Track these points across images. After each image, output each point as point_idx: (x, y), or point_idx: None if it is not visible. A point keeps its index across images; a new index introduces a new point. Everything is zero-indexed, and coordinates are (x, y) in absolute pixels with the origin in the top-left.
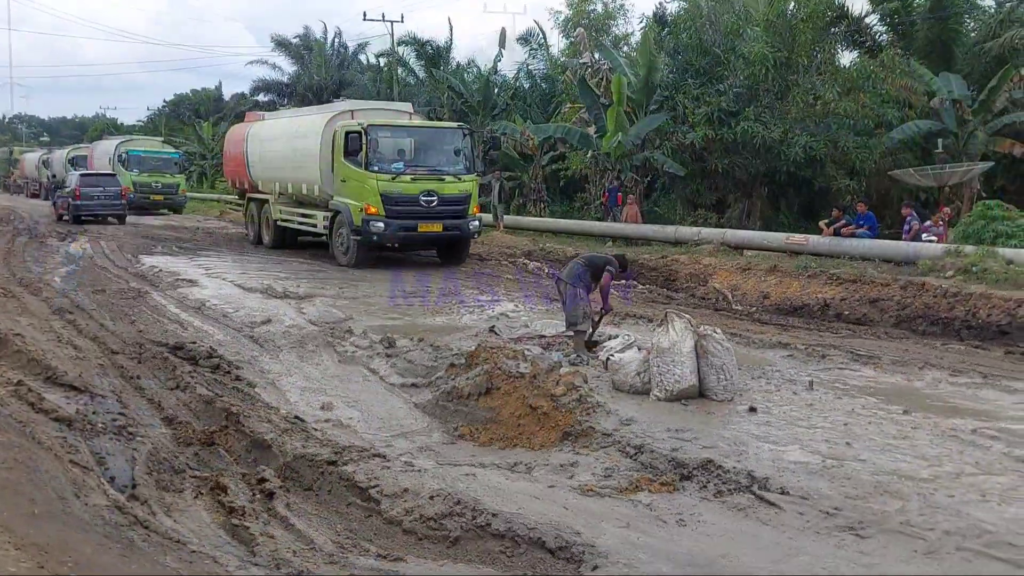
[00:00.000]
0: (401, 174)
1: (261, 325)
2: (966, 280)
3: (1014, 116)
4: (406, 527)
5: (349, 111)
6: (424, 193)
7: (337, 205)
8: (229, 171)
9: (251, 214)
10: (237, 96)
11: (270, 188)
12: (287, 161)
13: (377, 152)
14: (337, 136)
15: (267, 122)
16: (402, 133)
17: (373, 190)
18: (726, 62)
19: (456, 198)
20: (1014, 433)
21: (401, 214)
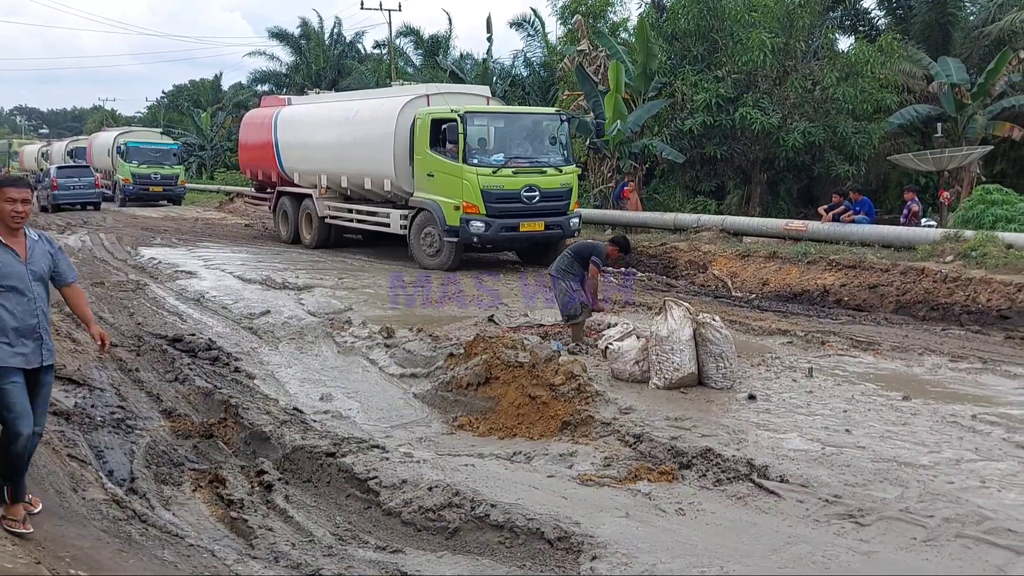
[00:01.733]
0: (502, 167)
1: (260, 316)
2: (966, 265)
3: (1013, 100)
4: (405, 518)
5: (424, 95)
6: (526, 188)
7: (422, 202)
8: (248, 161)
9: (283, 210)
10: (236, 87)
11: (311, 181)
12: (341, 151)
13: (476, 143)
14: (420, 124)
15: (303, 107)
16: (499, 120)
17: (472, 186)
18: (724, 48)
19: (558, 192)
20: (1014, 419)
21: (503, 212)
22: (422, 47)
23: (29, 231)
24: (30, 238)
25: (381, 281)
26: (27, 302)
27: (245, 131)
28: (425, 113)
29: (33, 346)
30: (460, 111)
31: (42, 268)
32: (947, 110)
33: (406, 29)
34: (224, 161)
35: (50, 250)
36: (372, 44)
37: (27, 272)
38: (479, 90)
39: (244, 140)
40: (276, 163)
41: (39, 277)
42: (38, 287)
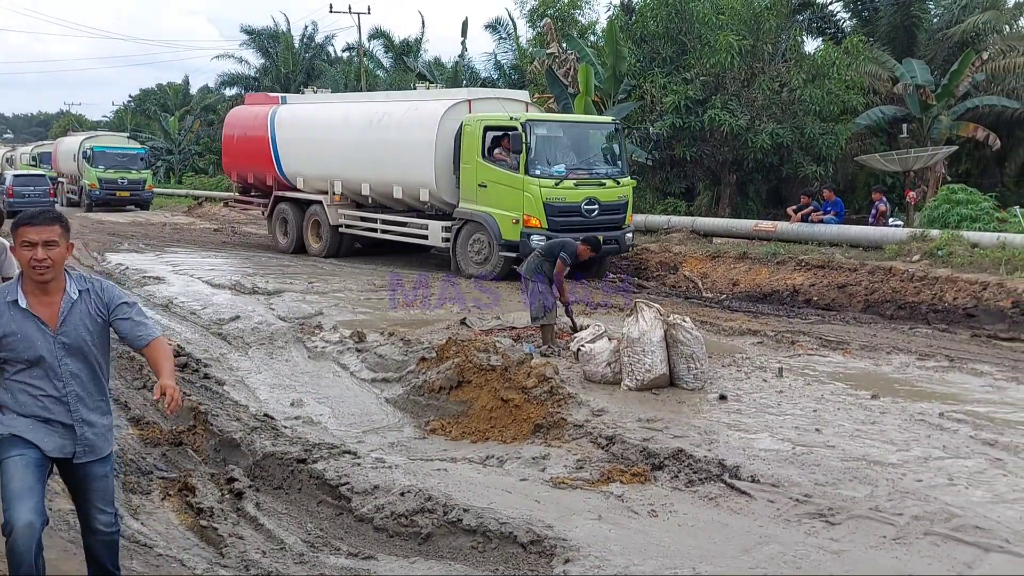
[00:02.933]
0: (564, 179)
1: (230, 322)
2: (932, 264)
3: (977, 100)
4: (377, 524)
5: (466, 100)
6: (586, 201)
7: (472, 214)
8: (235, 163)
9: (282, 217)
10: (203, 90)
11: (319, 187)
12: (364, 157)
13: (538, 153)
14: (469, 131)
15: (307, 106)
16: (557, 129)
17: (535, 198)
18: (692, 51)
19: (615, 206)
20: (981, 416)
21: (564, 226)
22: (393, 50)
23: (71, 283)
24: (68, 295)
25: (352, 285)
26: (54, 382)
27: (231, 130)
28: (476, 120)
29: (62, 434)
30: (521, 118)
31: (81, 338)
32: (912, 111)
33: (376, 32)
34: (192, 165)
35: (99, 311)
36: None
37: (54, 344)
38: (518, 95)
39: (230, 140)
40: (273, 166)
41: (75, 350)
42: (74, 363)
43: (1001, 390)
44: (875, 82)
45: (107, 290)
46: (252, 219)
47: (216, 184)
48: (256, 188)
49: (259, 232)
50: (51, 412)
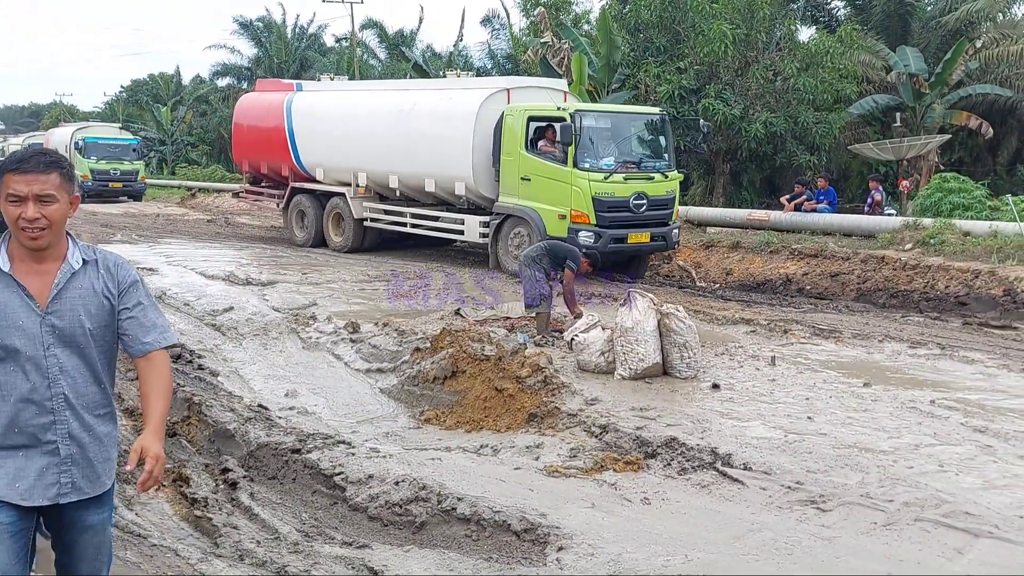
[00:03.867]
0: (614, 172)
1: (223, 313)
2: (924, 252)
3: (970, 89)
4: (371, 513)
5: (504, 89)
6: (635, 196)
7: (514, 208)
8: (247, 152)
9: (299, 210)
10: (196, 81)
11: (341, 179)
12: (392, 148)
13: (588, 146)
14: (511, 122)
15: (327, 94)
16: (605, 120)
17: (583, 193)
18: (686, 40)
19: (663, 200)
20: (971, 403)
21: (613, 222)
22: (387, 40)
23: (74, 250)
24: (68, 264)
25: (346, 276)
26: (33, 380)
27: (242, 118)
28: (519, 110)
29: (41, 463)
30: (570, 109)
31: (78, 321)
32: (906, 100)
33: (370, 22)
34: (185, 156)
35: (107, 291)
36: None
37: (40, 327)
38: (556, 83)
39: (241, 128)
40: (290, 156)
41: (68, 337)
42: (65, 355)
43: (992, 378)
44: (869, 71)
45: (121, 266)
46: (244, 210)
47: (209, 175)
48: (269, 179)
49: (253, 223)
50: (27, 425)
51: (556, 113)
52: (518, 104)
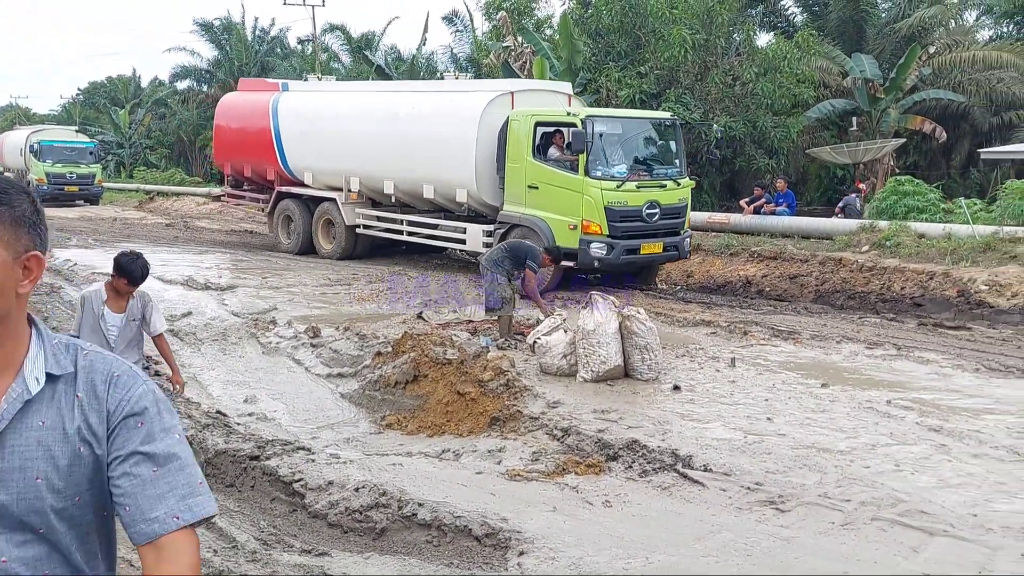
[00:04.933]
0: (626, 180)
1: (182, 318)
2: (881, 254)
3: (923, 94)
4: (331, 520)
5: (508, 92)
6: (647, 204)
7: (520, 218)
8: (230, 154)
9: (285, 215)
10: (154, 83)
11: (331, 183)
12: (388, 152)
13: (598, 152)
14: (516, 127)
15: (316, 94)
16: (616, 125)
17: (595, 202)
18: (647, 44)
19: (675, 209)
20: (926, 403)
21: (625, 232)
22: (351, 43)
23: (36, 354)
24: (22, 382)
25: (307, 280)
26: None
27: (224, 119)
28: (526, 115)
29: None
30: (580, 114)
31: (32, 490)
32: (861, 104)
33: (332, 26)
34: (144, 159)
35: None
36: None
37: None
38: (560, 87)
39: (223, 130)
40: (276, 159)
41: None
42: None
43: (946, 377)
44: (825, 76)
45: (119, 381)
46: (204, 214)
47: (168, 178)
48: (253, 182)
49: (213, 227)
50: None
51: (566, 118)
52: (525, 108)
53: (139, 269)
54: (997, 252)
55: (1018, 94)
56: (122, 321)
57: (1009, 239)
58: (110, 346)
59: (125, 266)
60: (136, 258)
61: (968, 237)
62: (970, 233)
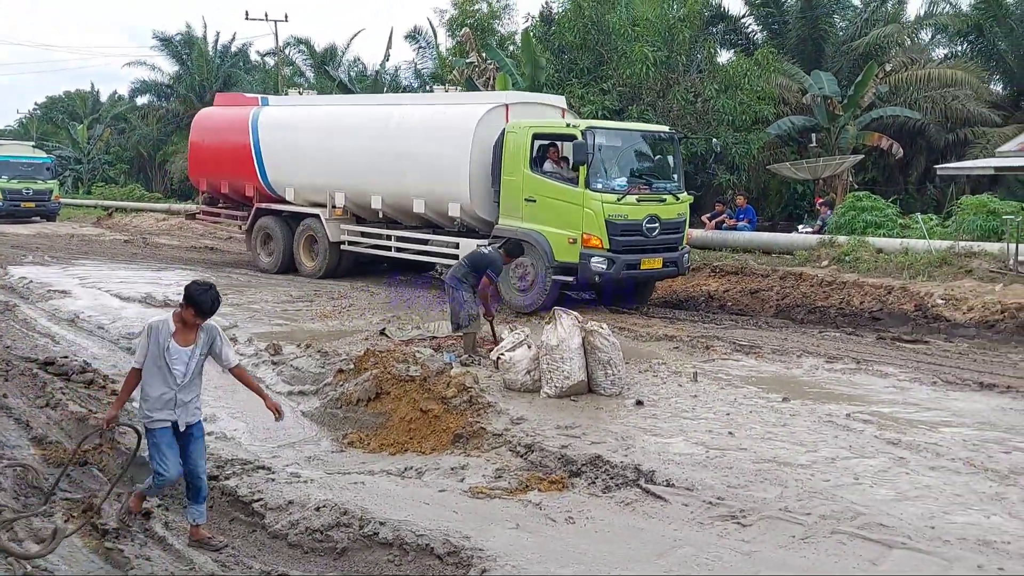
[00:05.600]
0: (626, 194)
1: (140, 336)
2: (840, 269)
3: (881, 111)
4: (291, 540)
5: (503, 104)
6: (648, 219)
7: (517, 231)
8: (206, 171)
9: (265, 232)
10: (114, 98)
11: (313, 199)
12: (376, 166)
13: (599, 165)
14: (514, 140)
15: (298, 108)
16: (616, 138)
17: (596, 215)
18: (610, 61)
19: (675, 224)
20: (885, 416)
21: (626, 246)
22: (314, 58)
23: None
24: None
25: (268, 296)
26: None
27: (200, 134)
28: (524, 127)
29: None
30: (581, 126)
31: None
32: (820, 121)
33: (295, 40)
34: (103, 175)
35: None
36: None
37: None
38: (554, 100)
39: (199, 145)
40: (256, 174)
41: None
42: None
43: (904, 391)
44: (785, 93)
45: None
46: (164, 230)
47: (127, 194)
48: (229, 199)
49: (173, 244)
50: None
51: (566, 130)
52: (523, 120)
53: (209, 301)
54: (953, 266)
55: (972, 111)
56: (188, 355)
57: (964, 253)
58: (174, 380)
59: (195, 296)
60: (207, 288)
61: (925, 252)
62: (927, 248)
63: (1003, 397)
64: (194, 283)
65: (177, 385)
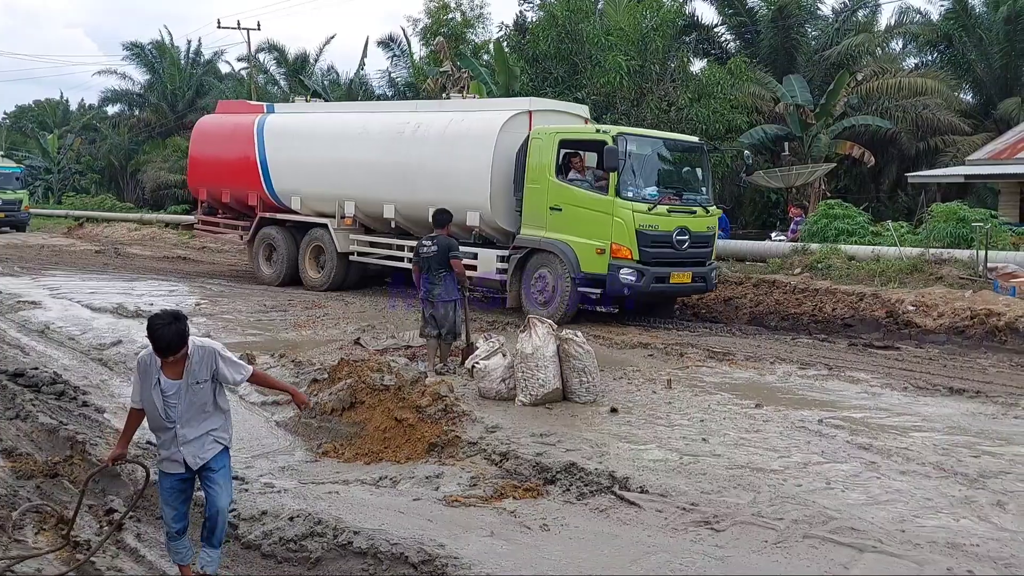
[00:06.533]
0: (657, 203)
1: (111, 347)
2: (813, 276)
3: (853, 120)
4: (265, 551)
5: (527, 111)
6: (678, 231)
7: (541, 241)
8: (206, 180)
9: (267, 243)
10: (83, 106)
11: (322, 209)
12: (390, 174)
13: (630, 173)
14: (538, 146)
15: (306, 116)
16: (646, 146)
17: (626, 224)
18: (584, 70)
19: (704, 237)
20: (857, 422)
21: (656, 259)
22: (286, 66)
23: None
24: None
25: (241, 307)
26: None
27: (201, 143)
28: (549, 132)
29: None
30: (612, 131)
31: None
32: (793, 130)
33: (268, 46)
34: (73, 185)
35: None
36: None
37: None
38: (577, 108)
39: (200, 154)
40: (260, 183)
41: None
42: None
43: (876, 396)
44: (758, 102)
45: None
46: (136, 240)
47: (99, 204)
48: (230, 209)
49: (145, 254)
50: None
51: (595, 136)
52: (548, 126)
53: (169, 336)
54: (923, 273)
55: (942, 120)
56: (179, 388)
57: (935, 260)
58: (167, 416)
59: (154, 331)
60: (170, 322)
61: (896, 259)
62: (898, 255)
63: (972, 402)
64: (156, 316)
65: (174, 422)
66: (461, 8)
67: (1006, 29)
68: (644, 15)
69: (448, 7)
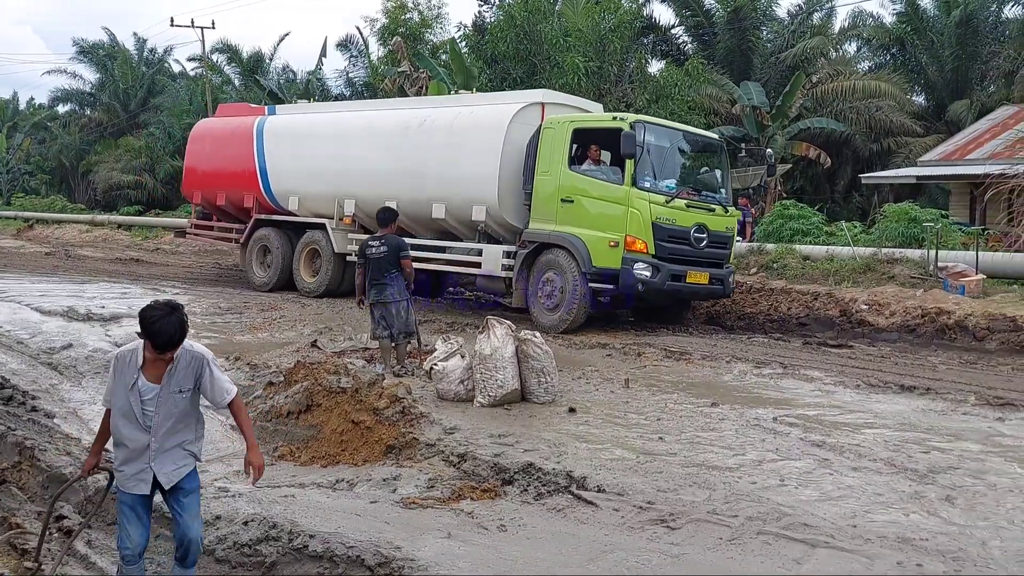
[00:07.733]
0: (675, 197)
1: (61, 351)
2: (768, 276)
3: (808, 122)
4: (219, 556)
5: (539, 103)
6: (695, 227)
7: (551, 235)
8: (202, 183)
9: (261, 246)
10: (31, 105)
11: (320, 209)
12: (394, 169)
13: (647, 163)
14: (551, 135)
15: (308, 116)
16: (665, 137)
17: (642, 216)
18: (542, 71)
19: (723, 237)
20: (810, 419)
21: (672, 255)
22: (241, 66)
23: None
24: None
25: (196, 308)
26: None
27: (200, 145)
28: (563, 121)
29: None
30: (628, 119)
31: None
32: (750, 131)
33: (222, 46)
34: (23, 185)
35: None
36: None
37: None
38: (591, 106)
39: (197, 157)
40: (258, 185)
41: None
42: None
43: (829, 394)
44: (715, 103)
45: None
46: (87, 242)
47: (49, 205)
48: (223, 212)
49: (97, 256)
50: None
51: (611, 123)
52: (559, 116)
53: (171, 330)
54: (876, 272)
55: (895, 122)
56: (162, 393)
57: (887, 260)
58: (144, 424)
59: (150, 324)
60: (168, 313)
61: (849, 259)
62: (851, 255)
63: (923, 399)
64: (149, 307)
65: (150, 431)
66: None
67: (958, 32)
68: (602, 16)
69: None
